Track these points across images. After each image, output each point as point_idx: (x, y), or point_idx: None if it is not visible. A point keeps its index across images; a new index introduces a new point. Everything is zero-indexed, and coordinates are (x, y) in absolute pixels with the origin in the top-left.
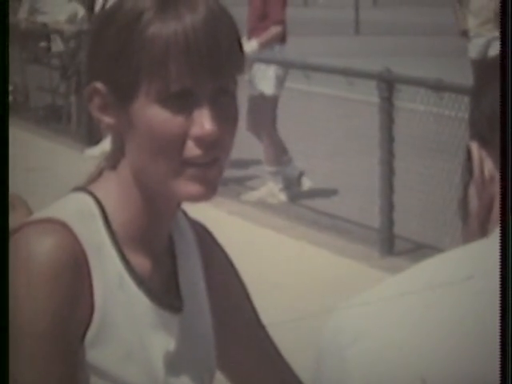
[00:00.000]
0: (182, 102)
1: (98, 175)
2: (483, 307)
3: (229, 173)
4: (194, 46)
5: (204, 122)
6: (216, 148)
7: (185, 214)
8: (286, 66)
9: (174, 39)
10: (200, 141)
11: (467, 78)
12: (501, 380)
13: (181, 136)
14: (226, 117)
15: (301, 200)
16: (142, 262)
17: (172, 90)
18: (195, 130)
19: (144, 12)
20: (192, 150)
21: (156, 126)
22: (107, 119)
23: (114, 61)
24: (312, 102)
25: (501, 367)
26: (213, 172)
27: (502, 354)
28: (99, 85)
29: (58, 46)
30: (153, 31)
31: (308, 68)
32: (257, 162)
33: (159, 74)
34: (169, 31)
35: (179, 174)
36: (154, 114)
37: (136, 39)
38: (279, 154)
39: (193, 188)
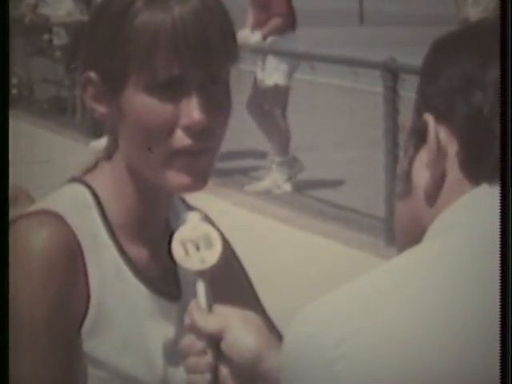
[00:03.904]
0: (170, 91)
1: (93, 166)
2: (473, 303)
3: (234, 164)
4: (182, 36)
5: (192, 110)
6: (206, 137)
7: (184, 202)
8: (291, 56)
9: (162, 28)
10: (189, 130)
11: None
12: (501, 378)
13: (169, 125)
14: (217, 106)
15: (306, 190)
16: (138, 251)
17: (159, 79)
18: (184, 119)
19: (134, 1)
20: (181, 139)
21: (144, 115)
22: (100, 108)
23: (106, 50)
24: (317, 92)
25: (501, 364)
26: (203, 161)
27: (502, 352)
28: (92, 74)
29: (61, 38)
30: (142, 20)
31: (313, 58)
32: (262, 153)
33: (147, 62)
34: (157, 20)
35: (169, 163)
36: (141, 103)
37: (126, 28)
38: (288, 144)
39: (182, 178)
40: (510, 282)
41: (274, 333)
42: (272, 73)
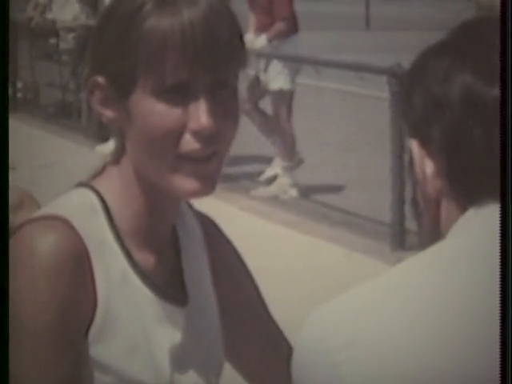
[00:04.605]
0: (178, 96)
1: (101, 170)
2: (479, 303)
3: (240, 169)
4: (190, 40)
5: (200, 115)
6: (214, 142)
7: (191, 207)
8: (297, 61)
9: (170, 33)
10: (197, 135)
11: None
12: (501, 378)
13: (177, 130)
14: (225, 111)
15: (312, 195)
16: (145, 257)
17: (167, 83)
18: (192, 124)
19: (143, 5)
20: (189, 144)
21: (151, 120)
22: (107, 113)
23: (114, 53)
24: (323, 97)
25: (501, 364)
26: (211, 167)
27: (502, 352)
28: (100, 78)
29: (68, 42)
30: (150, 24)
31: (318, 63)
32: (268, 158)
33: (155, 67)
34: (166, 25)
35: (176, 169)
36: (149, 108)
37: (134, 32)
38: (293, 148)
39: (190, 184)
40: (509, 283)
41: (281, 339)
42: (276, 77)
